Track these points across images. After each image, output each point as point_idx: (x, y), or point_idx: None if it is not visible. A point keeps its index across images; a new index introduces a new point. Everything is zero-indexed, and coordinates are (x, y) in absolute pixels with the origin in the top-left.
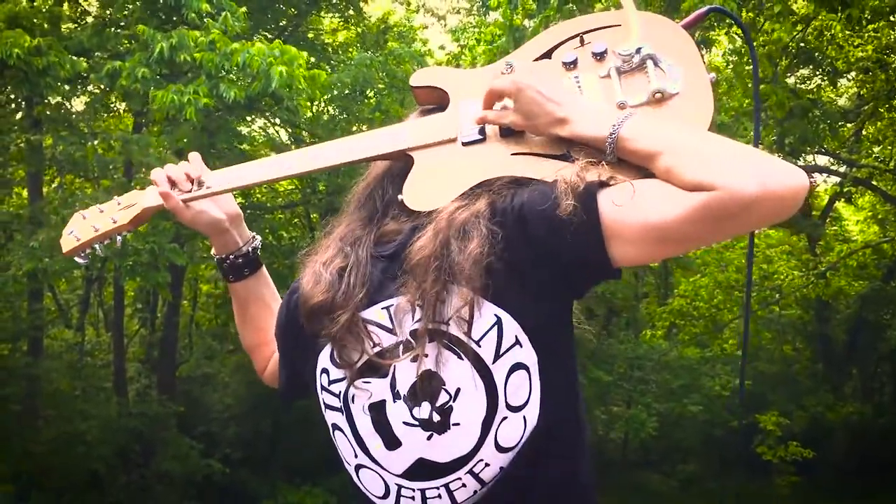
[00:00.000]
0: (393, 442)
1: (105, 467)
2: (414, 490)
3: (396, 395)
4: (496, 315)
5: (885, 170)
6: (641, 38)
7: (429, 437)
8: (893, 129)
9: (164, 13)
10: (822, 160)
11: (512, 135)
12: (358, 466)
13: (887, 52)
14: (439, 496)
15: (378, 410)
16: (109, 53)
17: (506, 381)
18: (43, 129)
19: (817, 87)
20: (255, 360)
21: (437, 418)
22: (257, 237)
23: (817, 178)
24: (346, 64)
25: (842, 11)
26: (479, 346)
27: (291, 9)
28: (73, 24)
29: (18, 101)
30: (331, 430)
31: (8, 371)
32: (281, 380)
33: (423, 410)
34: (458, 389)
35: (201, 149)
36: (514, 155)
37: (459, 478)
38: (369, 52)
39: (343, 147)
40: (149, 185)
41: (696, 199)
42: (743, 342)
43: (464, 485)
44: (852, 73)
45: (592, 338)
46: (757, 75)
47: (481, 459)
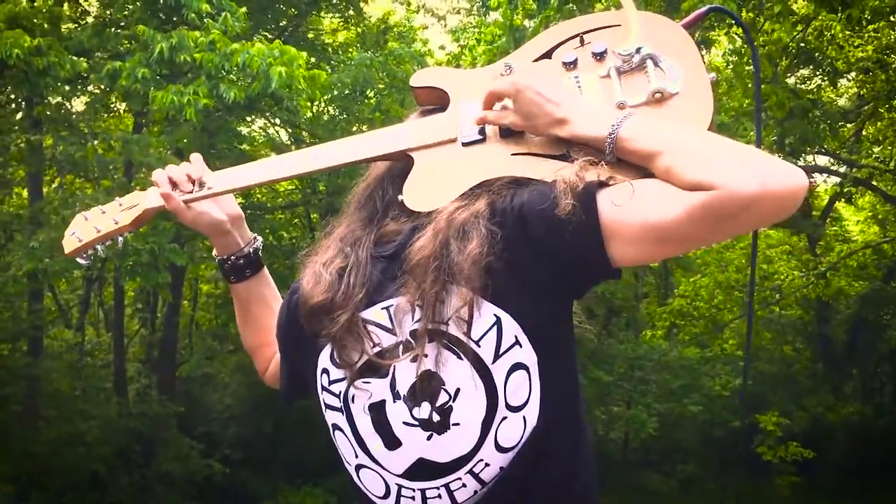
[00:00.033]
0: (393, 442)
1: (105, 468)
2: (414, 490)
3: (396, 396)
4: (496, 315)
5: (885, 170)
6: (641, 38)
7: (429, 437)
8: (893, 130)
9: (165, 13)
10: (822, 160)
11: (512, 135)
12: (358, 466)
13: (887, 52)
14: (439, 496)
15: (378, 410)
16: (109, 54)
17: (505, 381)
18: (43, 129)
19: (817, 87)
20: (257, 360)
21: (436, 418)
22: (258, 238)
23: (817, 178)
24: (347, 64)
25: (842, 11)
26: (479, 346)
27: (291, 9)
28: (73, 25)
29: (18, 101)
30: (331, 431)
31: (8, 371)
32: (282, 380)
33: (423, 410)
34: (458, 389)
35: (201, 149)
36: (513, 155)
37: (459, 478)
38: (369, 52)
39: (343, 148)
40: (149, 186)
41: (696, 199)
42: (746, 342)
43: (464, 485)
44: (852, 74)
45: (592, 338)
46: (758, 75)
47: (481, 459)
